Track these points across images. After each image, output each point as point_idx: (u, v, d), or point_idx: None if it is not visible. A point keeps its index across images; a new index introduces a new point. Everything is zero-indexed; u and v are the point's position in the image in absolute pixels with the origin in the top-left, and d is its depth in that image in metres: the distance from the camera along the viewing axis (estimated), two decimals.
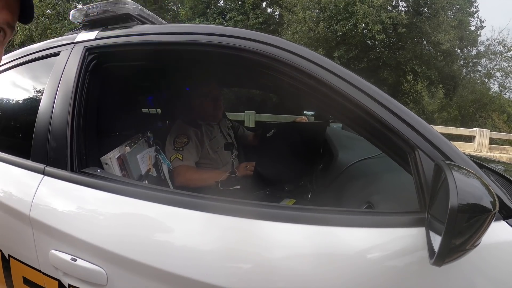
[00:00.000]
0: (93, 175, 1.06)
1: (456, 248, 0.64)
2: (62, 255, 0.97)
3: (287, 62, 0.94)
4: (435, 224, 0.72)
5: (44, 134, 1.12)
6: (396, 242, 0.80)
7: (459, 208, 0.61)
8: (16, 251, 1.09)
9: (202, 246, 0.88)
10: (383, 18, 13.37)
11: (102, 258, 0.93)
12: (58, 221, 1.00)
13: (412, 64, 15.52)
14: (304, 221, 0.85)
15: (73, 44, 1.21)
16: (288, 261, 0.83)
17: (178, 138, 1.72)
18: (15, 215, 1.07)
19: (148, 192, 0.98)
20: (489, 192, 0.66)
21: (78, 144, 1.09)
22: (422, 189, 0.82)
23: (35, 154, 1.13)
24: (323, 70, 0.92)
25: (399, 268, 0.80)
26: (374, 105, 0.88)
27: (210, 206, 0.91)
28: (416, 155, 0.84)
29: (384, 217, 0.85)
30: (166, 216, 0.94)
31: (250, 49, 0.97)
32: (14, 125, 1.45)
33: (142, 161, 1.34)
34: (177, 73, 1.92)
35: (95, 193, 1.01)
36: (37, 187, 1.07)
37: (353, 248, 0.81)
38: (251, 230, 0.87)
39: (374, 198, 1.05)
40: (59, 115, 1.11)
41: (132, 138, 1.36)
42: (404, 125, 0.86)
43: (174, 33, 1.11)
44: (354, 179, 1.30)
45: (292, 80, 0.96)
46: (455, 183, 0.64)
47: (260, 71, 1.03)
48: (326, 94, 0.93)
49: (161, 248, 0.90)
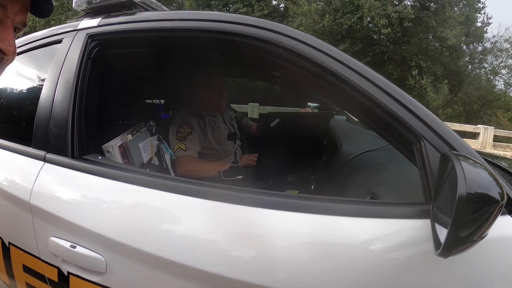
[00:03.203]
0: (94, 162, 1.05)
1: (463, 239, 0.63)
2: (62, 242, 0.97)
3: (294, 50, 0.92)
4: (441, 216, 0.71)
5: (46, 121, 1.11)
6: (401, 233, 0.79)
7: (467, 198, 0.60)
8: (16, 238, 1.09)
9: (204, 234, 0.87)
10: (389, 12, 13.24)
11: (102, 245, 0.92)
12: (58, 208, 0.99)
13: (418, 59, 15.40)
14: (308, 210, 0.84)
15: (75, 31, 1.20)
16: (290, 250, 0.82)
17: (181, 128, 1.71)
18: (15, 202, 1.07)
19: (150, 179, 0.96)
20: (497, 183, 0.64)
21: (80, 131, 1.08)
22: (428, 180, 0.80)
23: (36, 141, 1.13)
24: (329, 58, 0.90)
25: (403, 260, 0.79)
26: (381, 95, 0.86)
27: (214, 194, 0.90)
28: (422, 145, 0.82)
29: (388, 208, 0.84)
30: (168, 204, 0.93)
31: (255, 36, 0.96)
32: (16, 112, 1.44)
33: (144, 149, 1.33)
34: (180, 62, 1.90)
35: (96, 180, 1.00)
36: (37, 174, 1.06)
37: (357, 238, 0.80)
38: (254, 218, 0.86)
39: (378, 190, 1.03)
40: (61, 101, 1.10)
41: (134, 127, 1.35)
42: (410, 115, 0.84)
43: (178, 20, 1.09)
44: (358, 171, 1.28)
45: (298, 69, 0.94)
46: (463, 172, 0.62)
47: (265, 59, 1.02)
48: (332, 83, 0.91)
49: (162, 236, 0.89)
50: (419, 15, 14.45)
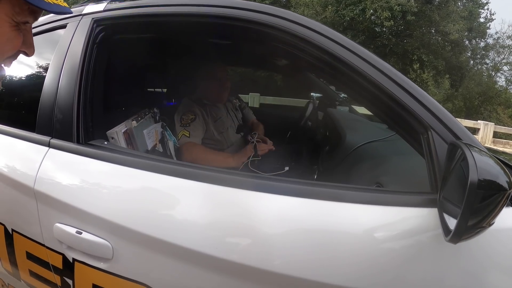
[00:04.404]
0: (100, 147, 1.04)
1: (473, 225, 0.63)
2: (67, 228, 0.96)
3: (301, 36, 0.91)
4: (448, 205, 0.71)
5: (50, 106, 1.10)
6: (407, 222, 0.79)
7: (479, 185, 0.60)
8: (19, 225, 1.08)
9: (208, 218, 0.87)
10: (392, 4, 13.15)
11: (108, 230, 0.92)
12: (63, 193, 0.98)
13: (419, 53, 15.32)
14: (310, 195, 0.84)
15: (80, 16, 1.18)
16: (289, 236, 0.82)
17: (184, 116, 1.71)
18: (19, 188, 1.06)
19: (156, 164, 0.96)
20: (504, 172, 0.64)
21: (85, 116, 1.07)
22: (434, 170, 0.81)
23: (40, 126, 1.12)
24: (338, 45, 0.89)
25: (408, 248, 0.78)
26: (389, 83, 0.86)
27: (217, 178, 0.90)
28: (429, 135, 0.82)
29: (395, 196, 0.84)
30: (173, 188, 0.92)
31: (259, 21, 0.95)
32: (19, 98, 1.43)
33: (148, 136, 1.33)
34: (184, 50, 1.89)
35: (101, 165, 0.99)
36: (42, 160, 1.05)
37: (361, 226, 0.80)
38: (255, 202, 0.86)
39: (384, 179, 1.04)
40: (66, 87, 1.09)
41: (139, 113, 1.35)
42: (418, 104, 0.84)
43: (184, 5, 1.07)
44: (363, 161, 1.28)
45: (306, 56, 0.93)
46: (474, 160, 0.63)
47: (270, 47, 1.01)
48: (340, 71, 0.91)
49: (168, 220, 0.89)
50: (422, 8, 14.34)
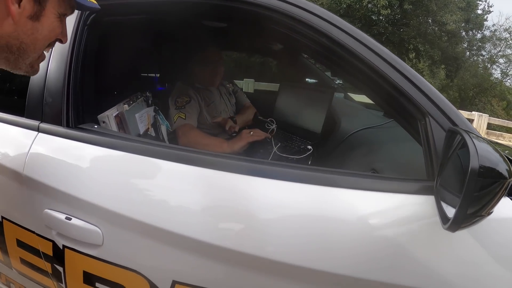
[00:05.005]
0: (90, 130, 1.02)
1: (473, 214, 0.62)
2: (57, 214, 0.94)
3: (299, 18, 0.89)
4: (444, 193, 0.71)
5: (40, 89, 1.06)
6: (403, 208, 0.78)
7: (479, 172, 0.59)
8: (9, 212, 1.06)
9: (201, 203, 0.85)
10: None
11: (98, 216, 0.90)
12: (53, 178, 0.96)
13: (416, 42, 15.34)
14: (305, 180, 0.82)
15: None
16: (284, 223, 0.81)
17: (179, 98, 1.68)
18: (8, 174, 1.03)
19: (148, 147, 0.94)
20: (504, 160, 0.63)
21: (75, 100, 1.04)
22: (431, 157, 0.80)
23: (29, 110, 1.08)
24: (337, 29, 0.88)
25: (403, 235, 0.78)
26: (388, 69, 0.84)
27: (211, 162, 0.88)
28: (427, 121, 0.81)
29: (391, 182, 0.83)
30: (166, 172, 0.90)
31: (256, 3, 0.92)
32: (9, 81, 1.40)
33: (140, 120, 1.30)
34: (176, 33, 1.86)
35: (92, 149, 0.97)
36: (31, 144, 1.02)
37: (357, 212, 0.79)
38: (250, 187, 0.85)
39: (379, 165, 1.03)
40: (56, 70, 1.05)
41: (131, 97, 1.32)
42: (416, 90, 0.83)
43: None
44: (358, 147, 1.27)
45: (303, 39, 0.91)
46: (475, 147, 0.61)
47: (266, 29, 0.98)
48: (339, 55, 0.89)
49: (161, 205, 0.87)
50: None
